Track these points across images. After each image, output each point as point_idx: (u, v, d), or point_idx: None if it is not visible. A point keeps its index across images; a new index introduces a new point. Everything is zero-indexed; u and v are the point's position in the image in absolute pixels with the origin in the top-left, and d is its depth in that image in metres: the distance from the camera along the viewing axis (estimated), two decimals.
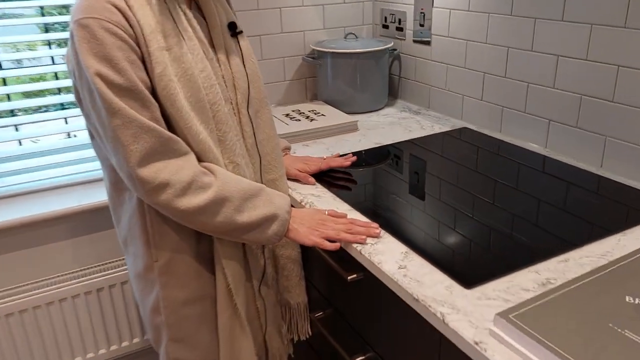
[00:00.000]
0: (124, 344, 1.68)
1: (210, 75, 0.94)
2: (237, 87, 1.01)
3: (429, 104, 1.72)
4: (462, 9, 1.50)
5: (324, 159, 1.26)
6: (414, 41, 1.72)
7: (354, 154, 1.32)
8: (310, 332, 1.22)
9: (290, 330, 1.24)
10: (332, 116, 1.59)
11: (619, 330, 0.67)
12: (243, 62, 1.02)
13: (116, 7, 0.85)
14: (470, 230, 0.97)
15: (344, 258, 1.00)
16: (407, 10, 1.72)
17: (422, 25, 1.67)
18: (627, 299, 0.73)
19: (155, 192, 0.89)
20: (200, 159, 0.94)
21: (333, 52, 1.66)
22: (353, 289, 1.06)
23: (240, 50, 1.02)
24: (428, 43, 1.66)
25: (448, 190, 1.14)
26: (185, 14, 0.93)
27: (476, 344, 0.70)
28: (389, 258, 0.90)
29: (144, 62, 0.88)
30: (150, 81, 0.89)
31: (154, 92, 0.89)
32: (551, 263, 0.87)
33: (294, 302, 1.19)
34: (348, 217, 1.03)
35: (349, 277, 0.98)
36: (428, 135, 1.48)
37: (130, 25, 0.86)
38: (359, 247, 0.94)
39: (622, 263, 0.81)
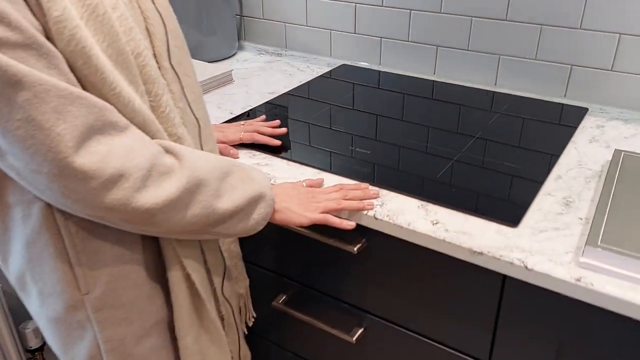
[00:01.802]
0: None
1: (126, 15, 0.65)
2: (153, 33, 0.71)
3: (286, 44, 1.57)
4: None
5: (241, 125, 1.04)
6: None
7: (265, 115, 1.12)
8: (254, 314, 1.04)
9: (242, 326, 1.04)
10: (197, 68, 1.32)
11: None
12: (153, 2, 0.73)
13: None
14: (456, 164, 0.92)
15: (325, 229, 0.86)
16: None
17: None
18: None
19: (105, 189, 0.61)
20: None
21: None
22: (333, 259, 0.93)
23: None
24: None
25: (400, 126, 1.06)
26: None
27: (577, 280, 0.67)
28: (414, 216, 0.80)
29: (28, 4, 0.57)
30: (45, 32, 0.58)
31: None
32: (548, 183, 0.88)
33: (243, 289, 0.98)
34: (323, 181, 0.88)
35: (356, 248, 0.84)
36: (318, 77, 1.35)
37: None
38: (372, 211, 0.81)
39: (614, 169, 0.86)
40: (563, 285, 0.68)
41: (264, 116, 1.09)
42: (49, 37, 0.58)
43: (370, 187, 0.86)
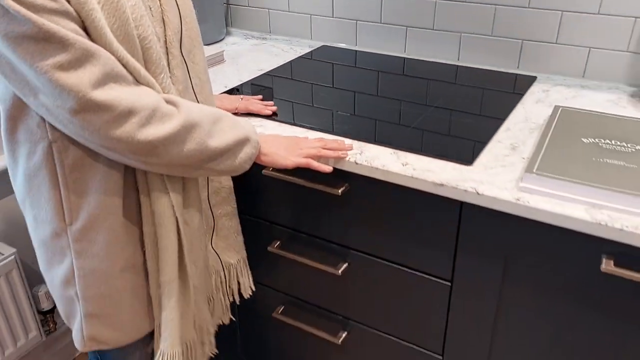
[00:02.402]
0: (20, 343, 1.37)
1: (139, 4, 0.80)
2: (167, 22, 0.87)
3: (269, 29, 1.72)
4: None
5: (241, 99, 1.19)
6: None
7: (255, 90, 1.27)
8: (253, 288, 1.19)
9: (229, 294, 1.16)
10: None
11: (602, 160, 0.89)
12: None
13: None
14: (423, 122, 1.09)
15: (307, 173, 1.01)
16: None
17: None
18: (584, 140, 0.95)
19: (116, 122, 0.76)
20: None
21: None
22: (320, 203, 1.08)
23: None
24: None
25: (375, 99, 1.22)
26: None
27: (517, 200, 0.84)
28: (388, 160, 0.96)
29: None
30: None
31: None
32: (499, 134, 1.05)
33: (234, 260, 1.13)
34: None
35: (340, 190, 1.00)
36: (300, 57, 1.51)
37: None
38: (353, 158, 0.97)
39: (552, 120, 1.04)
40: (506, 205, 0.85)
41: (260, 96, 1.23)
42: None
43: (347, 141, 1.03)
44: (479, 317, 0.99)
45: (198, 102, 0.95)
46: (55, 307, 1.59)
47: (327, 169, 0.96)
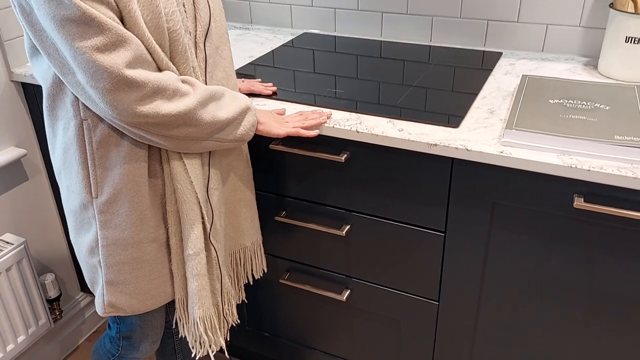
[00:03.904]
0: (31, 330, 1.43)
1: (172, 0, 0.90)
2: (198, 19, 0.98)
3: (251, 19, 1.81)
4: None
5: (243, 82, 1.29)
6: None
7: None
8: (265, 270, 1.28)
9: (244, 274, 1.24)
10: None
11: (568, 116, 1.04)
12: None
13: None
14: (407, 98, 1.22)
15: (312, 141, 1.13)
16: None
17: None
18: (550, 101, 1.10)
19: (143, 100, 0.87)
20: None
21: None
22: (323, 173, 1.20)
23: None
24: None
25: (356, 80, 1.34)
26: None
27: (501, 152, 0.98)
28: (385, 128, 1.08)
29: None
30: None
31: None
32: (477, 101, 1.19)
33: (249, 242, 1.21)
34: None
35: (343, 157, 1.12)
36: (286, 44, 1.61)
37: None
38: (354, 127, 1.09)
39: (522, 87, 1.18)
40: (492, 157, 0.99)
41: (259, 79, 1.34)
42: None
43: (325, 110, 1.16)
44: (469, 261, 1.14)
45: None
46: (60, 294, 1.65)
47: (314, 133, 1.09)
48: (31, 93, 1.50)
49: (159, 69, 0.90)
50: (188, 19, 0.95)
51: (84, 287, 1.84)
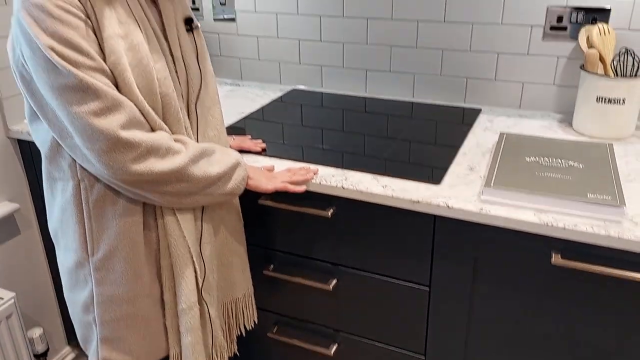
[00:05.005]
0: None
1: (165, 67, 0.96)
2: (190, 84, 1.03)
3: (241, 75, 1.88)
4: None
5: (234, 139, 1.33)
6: (215, 20, 1.84)
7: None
8: (256, 321, 1.29)
9: (235, 326, 1.24)
10: None
11: (544, 174, 1.09)
12: (197, 59, 1.04)
13: None
14: (392, 153, 1.27)
15: (302, 196, 1.17)
16: None
17: (223, 4, 1.80)
18: (527, 159, 1.16)
19: (138, 159, 0.91)
20: None
21: None
22: (310, 227, 1.23)
23: (196, 46, 1.04)
24: (233, 20, 1.81)
25: (342, 133, 1.39)
26: (140, 3, 0.92)
27: (481, 209, 1.02)
28: (370, 184, 1.12)
29: (99, 44, 0.89)
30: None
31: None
32: (457, 157, 1.24)
33: (241, 294, 1.23)
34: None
35: (330, 212, 1.16)
36: (276, 100, 1.67)
37: (82, 5, 0.86)
38: (340, 183, 1.13)
39: (500, 145, 1.24)
40: (472, 215, 1.03)
41: (249, 135, 1.39)
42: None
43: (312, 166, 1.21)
44: (454, 315, 1.16)
45: None
46: (47, 350, 1.64)
47: (301, 189, 1.13)
48: (27, 149, 1.54)
49: (152, 130, 0.94)
50: (180, 83, 1.00)
51: (70, 341, 1.83)
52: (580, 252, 0.99)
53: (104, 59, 0.87)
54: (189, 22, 1.03)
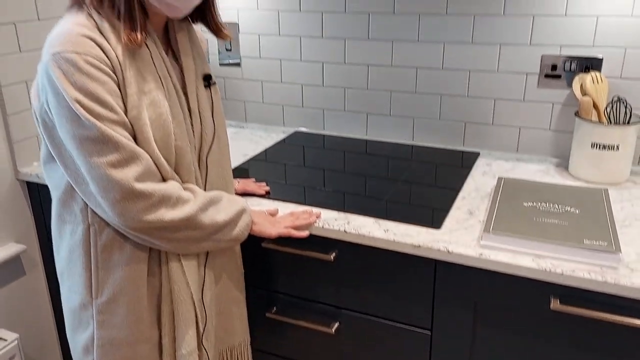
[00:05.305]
0: None
1: (182, 122, 1.01)
2: (204, 138, 1.08)
3: (245, 118, 1.93)
4: (273, 33, 1.78)
5: (238, 182, 1.37)
6: (221, 64, 1.90)
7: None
8: None
9: None
10: None
11: (541, 219, 1.12)
12: (212, 114, 1.09)
13: (95, 42, 0.90)
14: (394, 195, 1.30)
15: (304, 240, 1.20)
16: (209, 37, 1.87)
17: (228, 50, 1.86)
18: (525, 204, 1.19)
19: (149, 209, 0.94)
20: None
21: None
22: (312, 270, 1.25)
23: (212, 102, 1.09)
24: (238, 65, 1.87)
25: (344, 175, 1.43)
26: (164, 60, 0.97)
27: (480, 255, 1.04)
28: (372, 228, 1.15)
29: (122, 98, 0.93)
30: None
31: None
32: (457, 202, 1.27)
33: (237, 342, 1.23)
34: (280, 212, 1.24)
35: (332, 256, 1.18)
36: (279, 142, 1.72)
37: (110, 61, 0.91)
38: (342, 227, 1.16)
39: (498, 189, 1.27)
40: (472, 260, 1.05)
41: (253, 178, 1.43)
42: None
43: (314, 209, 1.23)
44: (455, 359, 1.17)
45: None
46: None
47: (304, 234, 1.16)
48: (35, 191, 1.57)
49: (164, 179, 0.98)
50: (195, 136, 1.05)
51: None
52: (578, 298, 1.01)
53: (126, 112, 0.92)
54: (207, 79, 1.08)
